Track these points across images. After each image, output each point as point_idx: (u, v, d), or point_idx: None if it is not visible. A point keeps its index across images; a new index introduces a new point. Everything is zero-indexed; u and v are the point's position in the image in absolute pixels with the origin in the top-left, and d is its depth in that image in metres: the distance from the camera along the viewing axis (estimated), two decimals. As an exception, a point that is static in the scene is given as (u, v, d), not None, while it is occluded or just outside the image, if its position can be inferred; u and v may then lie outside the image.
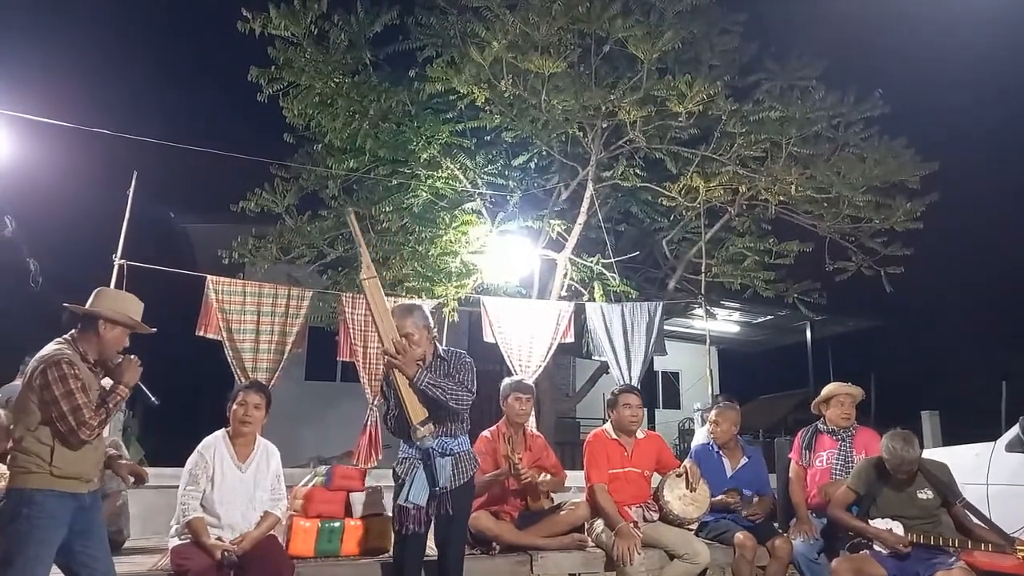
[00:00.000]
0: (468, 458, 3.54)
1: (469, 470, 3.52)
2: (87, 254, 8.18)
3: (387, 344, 3.31)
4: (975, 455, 5.65)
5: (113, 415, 3.08)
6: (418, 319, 3.51)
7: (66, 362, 2.97)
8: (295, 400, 11.03)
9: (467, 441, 3.59)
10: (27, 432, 2.95)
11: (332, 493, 4.23)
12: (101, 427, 3.01)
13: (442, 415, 3.44)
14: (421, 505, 3.34)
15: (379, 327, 3.38)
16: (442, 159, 8.17)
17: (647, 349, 7.10)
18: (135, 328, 3.24)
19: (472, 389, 3.48)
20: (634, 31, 7.14)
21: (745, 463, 4.78)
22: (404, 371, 3.30)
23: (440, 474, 3.37)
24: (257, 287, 6.10)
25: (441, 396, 3.32)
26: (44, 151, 7.17)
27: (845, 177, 7.97)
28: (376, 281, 3.51)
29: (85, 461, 3.03)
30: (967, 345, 20.64)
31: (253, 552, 3.50)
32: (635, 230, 10.11)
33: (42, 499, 2.90)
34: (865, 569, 3.89)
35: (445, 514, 3.39)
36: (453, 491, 3.42)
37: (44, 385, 2.93)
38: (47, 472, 2.92)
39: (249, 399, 3.79)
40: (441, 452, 3.41)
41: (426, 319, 3.58)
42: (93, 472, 3.11)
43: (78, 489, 3.01)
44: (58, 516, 2.92)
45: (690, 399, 15.37)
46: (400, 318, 3.45)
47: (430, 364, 3.48)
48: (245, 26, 7.32)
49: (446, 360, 3.54)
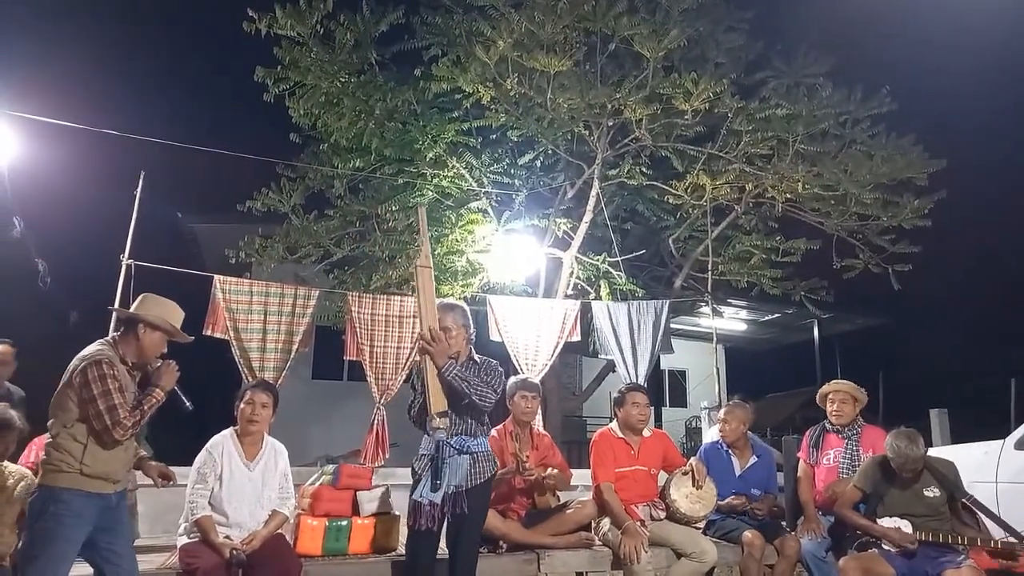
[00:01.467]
0: (486, 458, 3.52)
1: (487, 471, 3.50)
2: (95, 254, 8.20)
3: (424, 330, 3.35)
4: (984, 453, 5.62)
5: (147, 417, 3.14)
6: (459, 317, 3.57)
7: (105, 362, 3.05)
8: (302, 399, 11.07)
9: (486, 442, 3.58)
10: (63, 429, 3.02)
11: (339, 492, 4.25)
12: (135, 428, 3.07)
13: (464, 413, 3.46)
14: (436, 502, 3.34)
15: (421, 313, 3.43)
16: (448, 158, 8.18)
17: (654, 347, 7.09)
18: (173, 335, 3.32)
19: (498, 390, 3.52)
20: (640, 29, 7.13)
21: (755, 462, 4.76)
22: (435, 359, 3.33)
23: (456, 472, 3.38)
24: (264, 286, 6.11)
25: (466, 389, 3.35)
26: (52, 152, 7.21)
27: (852, 175, 7.93)
28: (430, 271, 3.58)
29: (115, 461, 3.10)
30: (976, 343, 20.55)
31: (261, 551, 3.52)
32: (641, 228, 10.10)
33: (69, 498, 2.96)
34: (873, 568, 3.87)
35: (460, 513, 3.37)
36: (469, 490, 3.40)
37: (83, 383, 3.00)
38: (76, 471, 2.98)
39: (256, 398, 3.81)
40: (459, 450, 3.41)
41: (467, 319, 3.62)
42: (121, 473, 3.17)
43: (104, 489, 3.07)
44: (84, 515, 2.99)
45: (697, 397, 15.33)
46: (443, 312, 3.51)
47: (463, 363, 3.50)
48: (251, 26, 7.34)
49: (478, 365, 3.57)
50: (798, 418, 14.04)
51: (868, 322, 15.05)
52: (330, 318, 8.71)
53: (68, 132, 6.26)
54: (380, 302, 6.32)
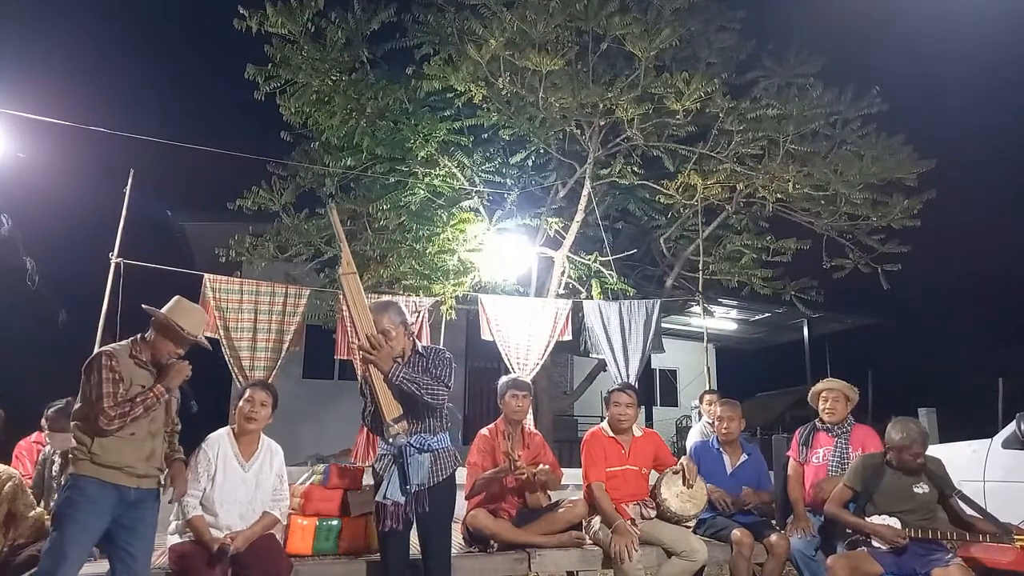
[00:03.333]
0: (448, 455, 3.49)
1: (449, 467, 3.48)
2: (83, 252, 8.17)
3: (362, 339, 3.30)
4: (972, 452, 5.66)
5: (144, 413, 3.18)
6: (394, 315, 3.48)
7: (106, 355, 3.19)
8: (293, 398, 10.95)
9: (447, 438, 3.55)
10: (79, 420, 3.15)
11: (330, 491, 4.22)
12: (121, 419, 3.10)
13: (420, 412, 3.41)
14: (399, 502, 3.32)
15: (355, 322, 3.37)
16: (439, 157, 8.17)
17: (645, 347, 7.11)
18: (180, 338, 3.35)
19: (448, 384, 3.44)
20: (631, 28, 7.13)
21: (745, 460, 4.78)
22: (379, 367, 3.27)
23: (418, 471, 3.35)
24: (254, 285, 6.09)
25: (416, 391, 3.29)
26: (40, 149, 7.15)
27: (842, 174, 7.98)
28: (355, 277, 3.50)
29: (128, 452, 3.16)
30: (964, 342, 20.71)
31: (251, 550, 3.50)
32: (633, 228, 10.12)
33: (84, 484, 3.08)
34: (862, 566, 3.89)
35: (423, 511, 3.36)
36: (431, 488, 3.38)
37: (86, 375, 3.18)
38: (88, 460, 3.11)
39: (256, 396, 3.80)
40: (419, 448, 3.38)
41: (402, 315, 3.55)
42: (139, 465, 3.20)
43: (121, 481, 3.14)
44: (98, 501, 3.07)
45: (688, 397, 15.36)
46: (377, 314, 3.42)
47: (408, 360, 3.45)
48: (242, 24, 7.30)
49: (424, 356, 3.51)
50: (788, 417, 14.10)
51: (857, 322, 15.11)
52: (321, 317, 8.69)
53: (57, 129, 6.22)
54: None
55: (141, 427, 3.22)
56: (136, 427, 3.20)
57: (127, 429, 3.16)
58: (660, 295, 8.75)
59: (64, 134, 6.51)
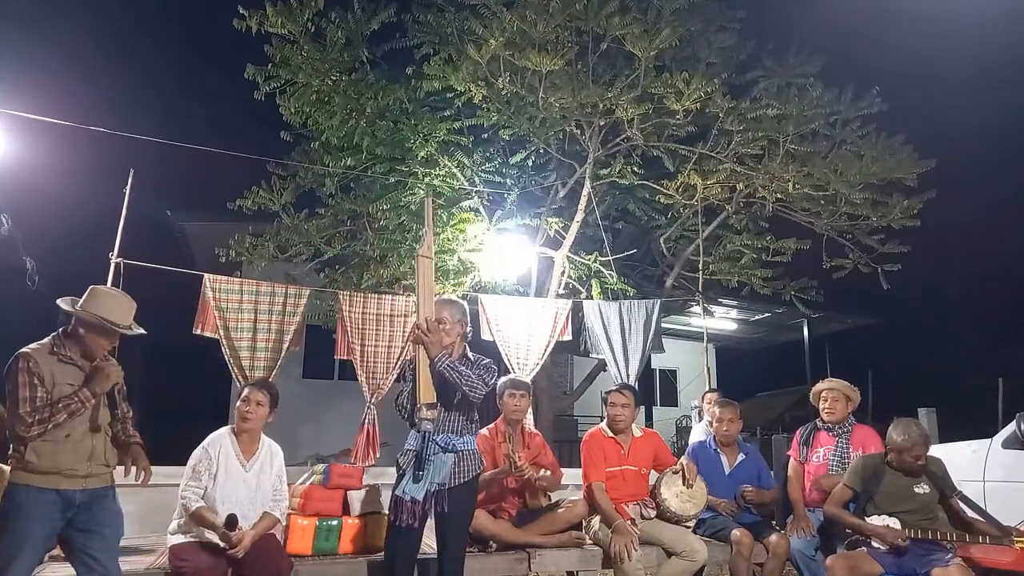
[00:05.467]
0: (472, 457, 3.51)
1: (472, 470, 3.49)
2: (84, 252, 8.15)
3: (420, 319, 3.34)
4: (972, 452, 5.66)
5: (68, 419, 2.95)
6: (456, 312, 3.57)
7: (23, 357, 2.98)
8: (293, 398, 10.96)
9: (473, 441, 3.57)
10: (10, 427, 2.95)
11: (330, 491, 4.23)
12: (40, 426, 2.89)
13: (453, 409, 3.45)
14: (417, 499, 3.32)
15: (419, 303, 3.43)
16: (439, 157, 8.17)
17: (645, 347, 7.10)
18: (108, 330, 3.13)
19: (489, 384, 3.51)
20: (631, 28, 7.13)
21: (743, 460, 4.79)
22: (428, 350, 3.32)
23: (440, 470, 3.37)
24: (254, 285, 6.09)
25: (458, 380, 3.33)
26: (40, 149, 7.15)
27: (842, 174, 7.97)
28: (430, 262, 3.58)
29: (62, 455, 2.96)
30: (964, 342, 20.73)
31: (251, 550, 3.49)
32: (633, 228, 10.12)
33: (15, 493, 2.92)
34: (861, 566, 3.89)
35: (442, 512, 3.36)
36: (452, 489, 3.39)
37: (5, 379, 2.98)
38: (23, 468, 2.93)
39: (252, 396, 3.80)
40: (444, 448, 3.40)
41: (464, 316, 3.63)
42: (79, 466, 3.01)
43: (61, 485, 2.96)
44: (32, 513, 2.89)
45: (688, 397, 15.36)
46: (440, 305, 3.51)
47: (457, 358, 3.49)
48: (242, 24, 7.30)
49: (472, 362, 3.56)
50: (787, 417, 14.12)
51: (857, 322, 15.11)
52: (321, 317, 8.69)
53: (56, 129, 6.20)
54: (371, 301, 6.31)
55: (77, 427, 3.01)
56: (70, 428, 2.99)
57: (60, 431, 2.95)
58: (660, 295, 8.74)
59: (64, 134, 6.50)
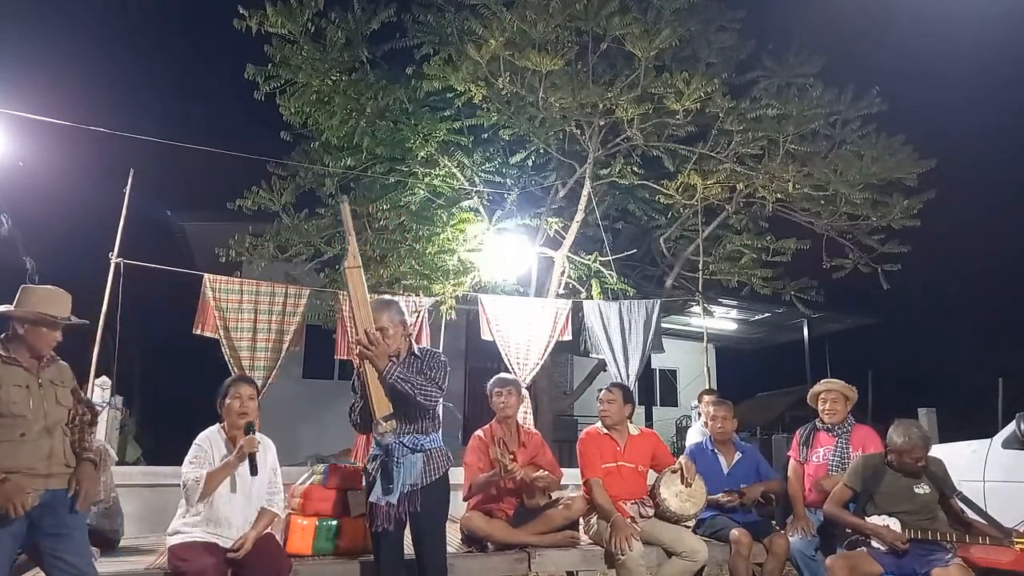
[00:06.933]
0: (441, 455, 3.50)
1: (441, 467, 3.48)
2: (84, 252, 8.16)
3: (360, 334, 3.28)
4: (972, 452, 5.66)
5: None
6: (394, 314, 3.48)
7: None
8: (293, 398, 11.03)
9: (439, 438, 3.55)
10: None
11: (330, 491, 4.22)
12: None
13: (413, 412, 3.41)
14: (392, 503, 3.32)
15: (355, 317, 3.35)
16: (439, 157, 8.17)
17: (645, 347, 7.11)
18: (49, 323, 3.13)
19: (442, 386, 3.45)
20: (631, 28, 7.13)
21: (740, 458, 4.79)
22: (375, 363, 3.26)
23: (411, 471, 3.35)
24: (254, 285, 6.09)
25: (410, 391, 3.28)
26: (40, 149, 7.16)
27: (842, 174, 7.98)
28: (359, 271, 3.46)
29: (20, 454, 2.94)
30: (964, 342, 20.72)
31: (252, 550, 3.49)
32: (632, 228, 10.12)
33: None
34: (861, 566, 3.88)
35: (416, 511, 3.36)
36: (424, 488, 3.38)
37: None
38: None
39: (243, 391, 3.78)
40: (412, 448, 3.39)
41: (402, 315, 3.56)
42: (39, 465, 2.98)
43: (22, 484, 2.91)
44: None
45: (688, 397, 15.36)
46: (377, 311, 3.41)
47: (404, 360, 3.45)
48: (242, 24, 7.30)
49: (420, 358, 3.51)
50: (787, 417, 14.08)
51: (857, 322, 15.10)
52: (321, 317, 8.69)
53: (57, 129, 6.22)
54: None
55: (31, 425, 2.98)
56: (24, 426, 2.96)
57: (15, 430, 2.94)
58: (660, 295, 8.74)
59: (64, 134, 6.52)
